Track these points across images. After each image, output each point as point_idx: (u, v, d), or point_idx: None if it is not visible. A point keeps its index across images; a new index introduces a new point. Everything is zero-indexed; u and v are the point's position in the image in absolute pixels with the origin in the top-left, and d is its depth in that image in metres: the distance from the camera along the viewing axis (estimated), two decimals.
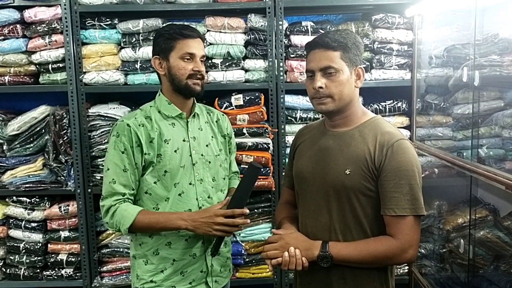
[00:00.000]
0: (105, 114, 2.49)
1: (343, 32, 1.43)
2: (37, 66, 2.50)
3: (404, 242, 1.34)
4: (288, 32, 2.48)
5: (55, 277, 2.60)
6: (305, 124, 1.88)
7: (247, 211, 1.60)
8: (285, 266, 1.39)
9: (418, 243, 1.38)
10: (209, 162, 1.73)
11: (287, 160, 1.97)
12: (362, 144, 1.40)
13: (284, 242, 1.41)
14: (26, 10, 2.43)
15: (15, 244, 2.59)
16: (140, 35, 2.44)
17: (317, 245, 1.39)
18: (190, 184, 1.68)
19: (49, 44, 2.44)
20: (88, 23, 2.46)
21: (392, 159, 1.35)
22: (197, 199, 1.69)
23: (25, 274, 2.60)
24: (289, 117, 2.51)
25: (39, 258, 2.60)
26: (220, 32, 2.47)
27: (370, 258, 1.36)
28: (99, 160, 2.51)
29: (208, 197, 1.72)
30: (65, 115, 2.48)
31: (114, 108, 2.52)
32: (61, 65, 2.47)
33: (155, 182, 1.65)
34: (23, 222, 2.57)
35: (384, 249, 1.35)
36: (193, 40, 1.66)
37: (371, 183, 1.38)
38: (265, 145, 2.47)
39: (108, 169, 1.63)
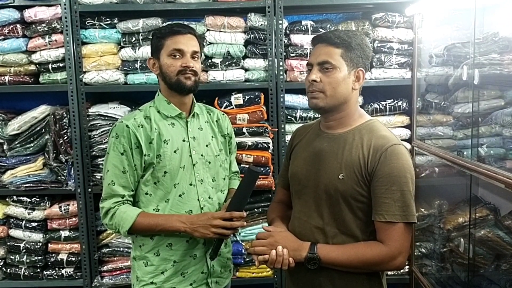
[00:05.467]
0: (105, 114, 2.50)
1: (350, 32, 1.43)
2: (37, 65, 2.50)
3: (394, 248, 1.32)
4: (288, 31, 2.48)
5: (56, 277, 2.61)
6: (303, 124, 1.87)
7: (245, 214, 1.60)
8: (271, 264, 1.38)
9: (408, 250, 1.36)
10: (209, 162, 1.73)
11: None
12: (357, 149, 1.38)
13: (273, 240, 1.41)
14: (26, 9, 2.43)
15: (15, 244, 2.59)
16: (140, 34, 2.45)
17: (306, 246, 1.38)
18: (190, 184, 1.67)
19: (49, 44, 2.44)
20: (88, 22, 2.46)
21: (385, 164, 1.33)
22: (198, 199, 1.68)
23: (26, 273, 2.60)
24: (289, 117, 2.51)
25: (39, 257, 2.60)
26: (220, 31, 2.46)
27: (358, 262, 1.35)
28: (99, 159, 2.51)
29: (209, 197, 1.71)
30: (65, 115, 2.48)
31: (114, 108, 2.52)
32: (61, 64, 2.47)
33: (155, 183, 1.64)
34: (24, 222, 2.57)
35: (372, 255, 1.34)
36: (182, 36, 1.63)
37: (364, 188, 1.37)
38: (265, 145, 2.47)
39: (107, 171, 1.62)
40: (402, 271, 2.61)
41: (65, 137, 2.49)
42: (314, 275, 1.42)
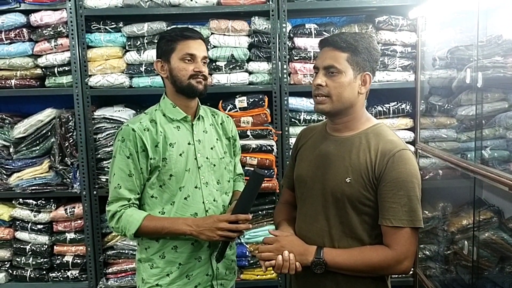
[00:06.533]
0: (110, 117, 2.51)
1: (358, 35, 1.40)
2: (43, 69, 2.53)
3: (400, 253, 1.32)
4: (291, 35, 2.49)
5: (61, 279, 2.62)
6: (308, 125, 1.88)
7: (250, 217, 1.61)
8: (278, 270, 1.39)
9: (414, 255, 1.36)
10: (214, 165, 1.73)
11: None
12: (364, 152, 1.38)
13: (279, 245, 1.41)
14: (32, 14, 2.45)
15: (21, 246, 2.61)
16: (145, 38, 2.46)
17: (312, 250, 1.39)
18: (196, 187, 1.68)
19: (55, 48, 2.46)
20: (93, 26, 2.48)
21: (392, 169, 1.33)
22: (203, 202, 1.69)
23: (31, 275, 2.62)
24: (292, 119, 2.52)
25: (45, 259, 2.62)
26: (224, 35, 2.48)
27: (364, 266, 1.35)
28: (105, 162, 2.53)
29: (214, 200, 1.72)
30: (70, 118, 2.50)
31: (119, 111, 2.54)
32: (66, 68, 2.49)
33: (160, 186, 1.66)
34: (30, 224, 2.59)
35: (378, 259, 1.34)
36: (193, 41, 1.65)
37: (370, 192, 1.37)
38: (269, 147, 2.48)
39: (113, 174, 1.63)
40: None
41: (71, 140, 2.51)
42: (319, 279, 1.42)
